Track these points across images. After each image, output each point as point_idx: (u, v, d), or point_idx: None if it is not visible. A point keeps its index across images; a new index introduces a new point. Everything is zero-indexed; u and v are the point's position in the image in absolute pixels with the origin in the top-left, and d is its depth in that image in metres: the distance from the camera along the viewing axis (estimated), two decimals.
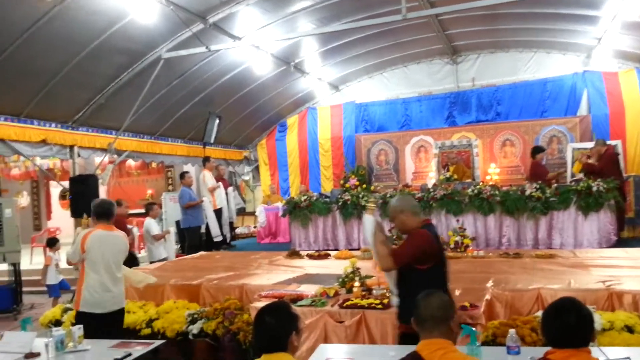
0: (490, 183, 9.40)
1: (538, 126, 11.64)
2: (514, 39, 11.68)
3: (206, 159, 10.62)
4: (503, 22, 10.56)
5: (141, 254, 9.65)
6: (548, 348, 2.33)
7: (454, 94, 12.69)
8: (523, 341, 3.60)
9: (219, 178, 10.83)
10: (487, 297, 4.56)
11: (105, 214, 4.59)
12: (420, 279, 3.23)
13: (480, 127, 12.14)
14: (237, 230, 12.89)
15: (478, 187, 8.65)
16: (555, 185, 8.50)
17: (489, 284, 4.97)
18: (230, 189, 11.01)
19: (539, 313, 4.22)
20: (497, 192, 8.42)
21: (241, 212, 13.35)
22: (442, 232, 8.49)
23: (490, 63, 12.55)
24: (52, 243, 8.35)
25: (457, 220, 8.30)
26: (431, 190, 8.97)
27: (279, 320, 2.45)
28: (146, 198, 15.93)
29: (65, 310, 5.92)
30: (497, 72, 12.44)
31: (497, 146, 11.88)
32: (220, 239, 9.91)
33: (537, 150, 9.66)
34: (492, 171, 11.10)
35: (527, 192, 8.19)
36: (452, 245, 7.47)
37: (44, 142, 8.55)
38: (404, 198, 3.61)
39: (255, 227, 12.74)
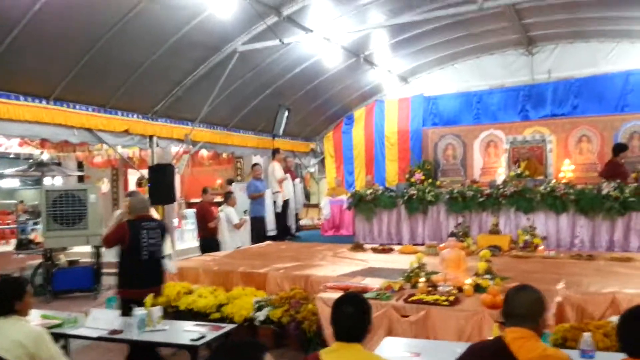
0: (564, 181, 9.03)
1: (618, 121, 11.00)
2: (595, 28, 11.07)
3: (276, 151, 10.86)
4: (584, 10, 10.03)
5: None
6: (623, 355, 2.27)
7: (529, 86, 12.21)
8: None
9: (286, 170, 11.06)
10: (558, 299, 4.43)
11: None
12: (122, 254, 4.89)
13: (555, 121, 11.63)
14: (301, 222, 13.10)
15: (551, 184, 8.35)
16: (635, 184, 8.04)
17: (560, 285, 4.83)
18: (297, 180, 11.22)
19: (614, 318, 4.07)
20: (571, 191, 8.09)
21: (306, 204, 13.56)
22: (511, 230, 8.30)
23: (569, 54, 11.97)
24: None
25: (527, 219, 8.06)
26: (500, 186, 8.75)
27: (360, 311, 2.52)
28: (215, 187, 16.49)
29: None
30: (576, 63, 11.82)
31: (573, 142, 11.35)
32: (274, 233, 9.97)
33: (620, 147, 9.14)
34: (566, 168, 10.65)
35: (604, 192, 7.81)
36: (521, 244, 7.28)
37: (126, 132, 9.06)
38: (134, 199, 5.22)
39: (319, 219, 12.89)
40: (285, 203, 10.51)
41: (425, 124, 13.25)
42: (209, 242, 8.36)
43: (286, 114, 11.77)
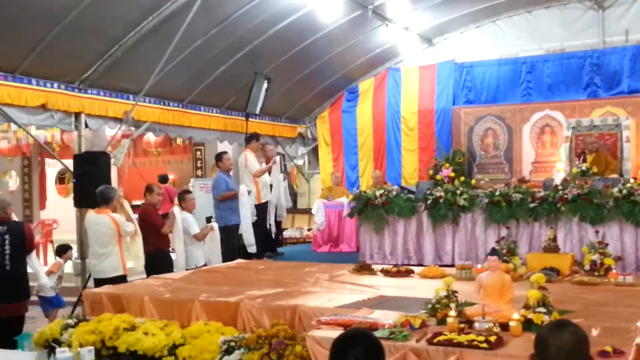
0: None
1: None
2: None
3: (253, 137, 10.81)
4: None
5: None
6: None
7: (598, 52, 12.33)
8: None
9: (266, 162, 11.03)
10: (638, 340, 4.47)
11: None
12: None
13: (634, 100, 11.76)
14: (286, 233, 13.10)
15: (628, 185, 8.41)
16: None
17: None
18: (279, 176, 11.18)
19: None
20: None
21: (291, 209, 13.56)
22: (573, 247, 8.35)
23: None
24: (64, 251, 8.87)
25: (596, 232, 8.11)
26: (559, 187, 8.79)
27: (371, 354, 2.53)
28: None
29: (66, 327, 6.27)
30: None
31: None
32: (254, 250, 10.06)
33: None
34: None
35: None
36: (586, 267, 7.32)
37: (43, 108, 9.03)
38: None
39: (309, 229, 12.89)
40: (263, 207, 10.50)
41: (456, 101, 13.32)
42: (157, 258, 8.32)
43: (265, 85, 11.75)
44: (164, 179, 14.56)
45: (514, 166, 12.48)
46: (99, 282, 7.48)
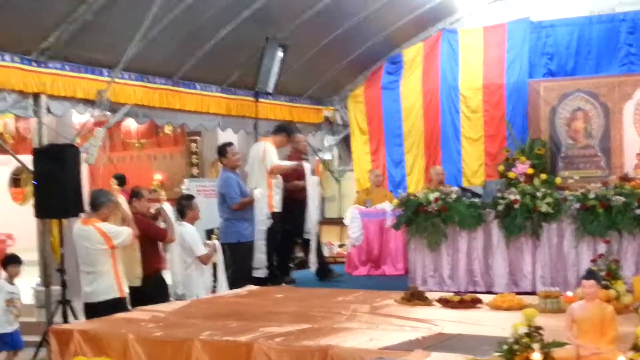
0: None
1: None
2: None
3: (284, 129, 10.86)
4: None
5: None
6: None
7: None
8: None
9: (295, 157, 10.97)
10: None
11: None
12: None
13: None
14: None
15: None
16: None
17: None
18: (313, 179, 11.00)
19: None
20: None
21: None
22: None
23: None
24: (7, 263, 8.94)
25: None
26: None
27: None
28: (152, 188, 16.58)
29: None
30: None
31: None
32: (263, 274, 10.10)
33: None
34: None
35: None
36: None
37: None
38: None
39: (342, 245, 12.90)
40: (275, 218, 10.50)
41: (533, 73, 13.30)
42: (155, 282, 8.42)
43: (280, 55, 11.81)
44: (121, 180, 14.41)
45: (612, 159, 12.42)
46: (89, 308, 7.89)
